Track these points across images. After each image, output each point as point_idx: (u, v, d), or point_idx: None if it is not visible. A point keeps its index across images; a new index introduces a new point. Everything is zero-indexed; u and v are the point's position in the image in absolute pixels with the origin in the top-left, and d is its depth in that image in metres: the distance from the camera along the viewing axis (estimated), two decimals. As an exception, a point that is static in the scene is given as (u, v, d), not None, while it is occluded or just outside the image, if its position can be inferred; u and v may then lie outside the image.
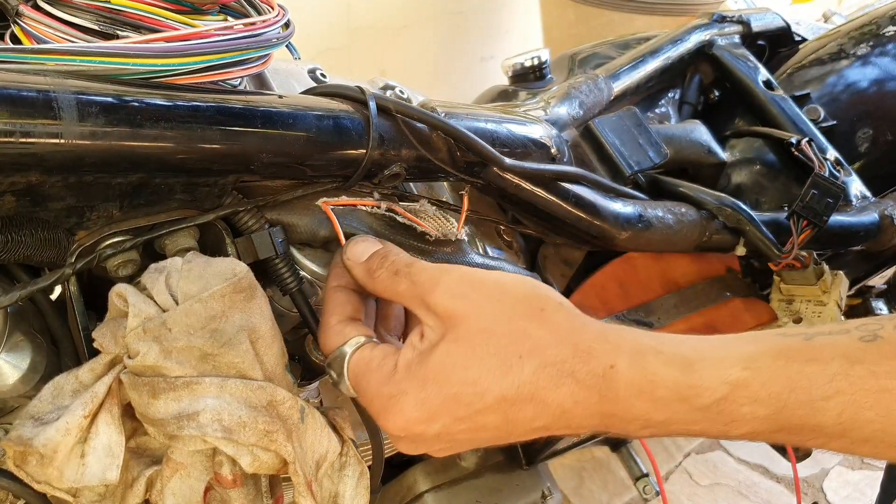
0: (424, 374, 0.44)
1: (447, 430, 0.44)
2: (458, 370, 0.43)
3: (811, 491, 1.70)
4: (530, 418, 0.44)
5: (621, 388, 0.43)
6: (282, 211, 0.55)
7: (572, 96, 0.82)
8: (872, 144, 0.98)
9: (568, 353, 0.43)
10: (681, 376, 0.42)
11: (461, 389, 0.43)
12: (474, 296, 0.45)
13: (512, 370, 0.43)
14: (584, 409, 0.43)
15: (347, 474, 0.52)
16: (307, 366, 0.60)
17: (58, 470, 0.42)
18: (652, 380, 0.43)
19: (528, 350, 0.43)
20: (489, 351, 0.43)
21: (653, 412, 0.43)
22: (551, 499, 0.94)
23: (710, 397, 0.42)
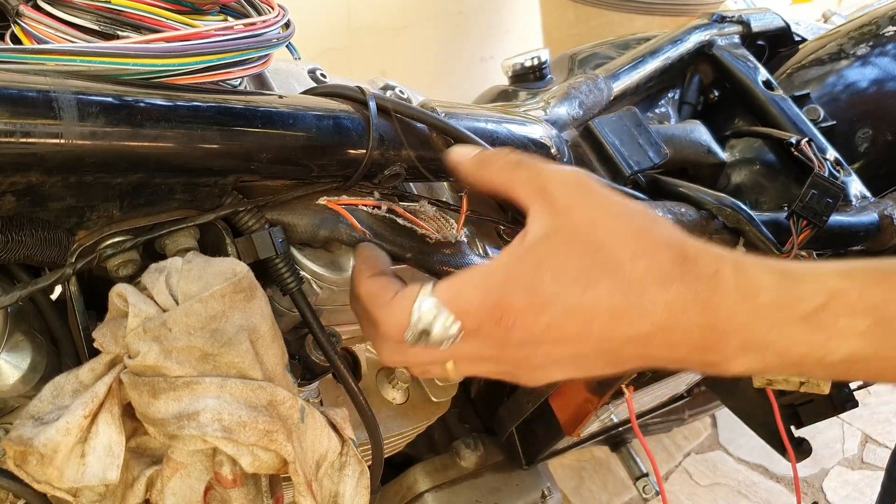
0: (537, 259, 0.43)
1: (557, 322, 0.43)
2: (573, 258, 0.43)
3: (811, 491, 1.70)
4: (637, 316, 0.43)
5: (725, 294, 0.43)
6: (282, 211, 0.55)
7: (572, 96, 0.82)
8: (872, 144, 0.98)
9: (678, 256, 0.43)
10: (781, 281, 0.43)
11: (577, 276, 0.43)
12: (588, 194, 0.45)
13: (624, 266, 0.43)
14: (688, 319, 0.42)
15: (347, 474, 0.52)
16: (307, 366, 0.60)
17: (58, 470, 0.42)
18: (754, 283, 0.43)
19: (641, 249, 0.43)
20: (605, 245, 0.43)
21: (754, 323, 0.43)
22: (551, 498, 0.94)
23: (809, 303, 0.42)
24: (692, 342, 0.43)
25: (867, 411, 1.87)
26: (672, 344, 0.43)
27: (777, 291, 0.43)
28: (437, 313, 0.44)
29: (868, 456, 1.78)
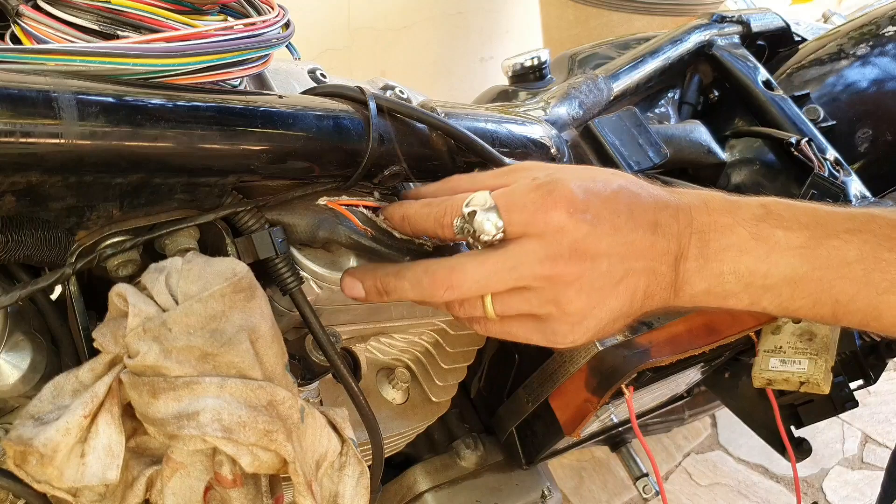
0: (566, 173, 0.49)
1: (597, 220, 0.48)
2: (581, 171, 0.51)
3: (811, 491, 1.70)
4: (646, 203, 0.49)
5: (687, 196, 0.51)
6: (282, 211, 0.55)
7: (572, 96, 0.82)
8: (872, 144, 0.98)
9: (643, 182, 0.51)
10: (727, 196, 0.51)
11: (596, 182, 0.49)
12: None
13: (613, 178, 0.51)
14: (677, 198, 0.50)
15: (347, 474, 0.52)
16: (307, 366, 0.60)
17: (58, 470, 0.42)
18: (705, 195, 0.51)
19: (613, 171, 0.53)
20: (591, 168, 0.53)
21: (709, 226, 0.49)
22: (551, 498, 0.94)
23: (749, 212, 0.49)
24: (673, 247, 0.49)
25: (867, 411, 1.87)
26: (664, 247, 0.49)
27: (723, 202, 0.51)
28: (487, 202, 0.48)
29: (868, 456, 1.78)
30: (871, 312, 0.48)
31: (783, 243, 0.48)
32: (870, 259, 0.47)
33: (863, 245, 0.47)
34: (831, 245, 0.48)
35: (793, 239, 0.48)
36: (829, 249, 0.48)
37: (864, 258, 0.47)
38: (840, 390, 0.92)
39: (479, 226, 0.47)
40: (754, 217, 0.49)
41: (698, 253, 0.49)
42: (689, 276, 0.50)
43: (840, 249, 0.47)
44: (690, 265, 0.49)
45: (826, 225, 0.48)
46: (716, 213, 0.49)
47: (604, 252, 0.47)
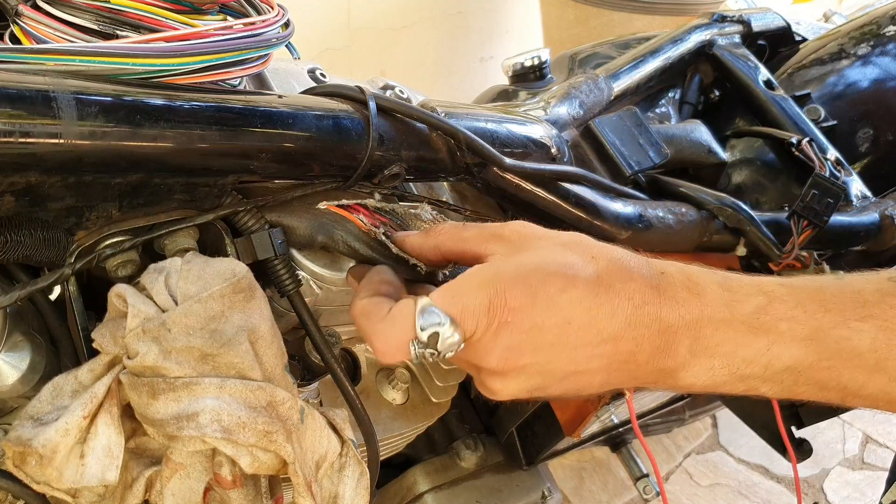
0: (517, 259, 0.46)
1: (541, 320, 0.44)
2: (548, 254, 0.46)
3: (811, 491, 1.70)
4: (608, 315, 0.45)
5: (673, 288, 0.45)
6: (281, 213, 0.55)
7: (572, 96, 0.82)
8: (873, 144, 0.98)
9: (631, 256, 0.47)
10: (723, 282, 0.46)
11: (557, 269, 0.45)
12: (540, 232, 0.49)
13: (590, 263, 0.46)
14: (649, 309, 0.45)
15: (347, 475, 0.52)
16: (307, 366, 0.60)
17: (57, 470, 0.42)
18: (696, 282, 0.46)
19: (598, 252, 0.47)
20: (570, 249, 0.47)
21: (701, 321, 0.45)
22: (551, 499, 0.94)
23: (750, 304, 0.45)
24: (651, 343, 0.45)
25: (868, 412, 1.86)
26: (637, 344, 0.45)
27: (719, 292, 0.46)
28: (439, 320, 0.44)
29: (869, 456, 1.78)
30: (884, 397, 0.45)
31: (787, 336, 0.44)
32: (883, 348, 0.43)
33: (876, 333, 0.43)
34: (840, 335, 0.43)
35: (798, 330, 0.44)
36: (839, 340, 0.43)
37: (877, 347, 0.43)
38: (841, 391, 0.92)
39: (444, 346, 0.45)
40: (755, 309, 0.45)
41: (686, 350, 0.45)
42: (673, 371, 0.46)
43: (851, 340, 0.43)
44: (675, 362, 0.45)
45: (834, 310, 0.44)
46: (710, 306, 0.45)
47: (541, 359, 0.45)
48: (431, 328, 0.44)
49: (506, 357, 0.45)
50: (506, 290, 0.44)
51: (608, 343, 0.45)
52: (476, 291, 0.45)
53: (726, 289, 0.46)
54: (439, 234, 0.51)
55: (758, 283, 0.46)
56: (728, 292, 0.45)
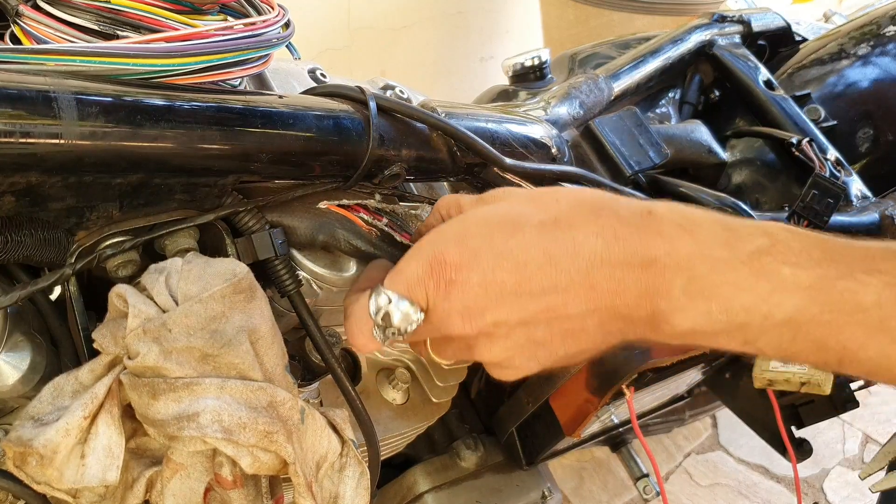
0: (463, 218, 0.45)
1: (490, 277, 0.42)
2: (499, 208, 0.44)
3: (811, 491, 1.70)
4: (570, 254, 0.41)
5: (664, 225, 0.42)
6: (282, 213, 0.55)
7: (572, 96, 0.82)
8: (873, 144, 0.98)
9: (606, 197, 0.43)
10: (721, 220, 0.42)
11: (502, 220, 0.43)
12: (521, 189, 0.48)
13: (549, 207, 0.43)
14: (624, 248, 0.41)
15: (347, 475, 0.52)
16: (307, 366, 0.60)
17: (58, 471, 0.42)
18: (692, 219, 0.42)
19: (565, 195, 0.44)
20: (529, 197, 0.44)
21: (696, 259, 0.41)
22: (551, 499, 0.93)
23: (752, 244, 0.41)
24: (636, 282, 0.41)
25: (868, 411, 1.87)
26: (618, 283, 0.41)
27: (717, 229, 0.42)
28: (391, 299, 0.44)
29: (869, 456, 1.78)
30: (883, 362, 0.41)
31: (790, 282, 0.41)
32: (888, 305, 0.40)
33: (882, 289, 0.40)
34: (845, 287, 0.40)
35: (801, 277, 0.41)
36: (843, 292, 0.40)
37: (882, 303, 0.40)
38: (841, 390, 0.92)
39: (398, 323, 0.44)
40: (756, 250, 0.41)
41: (681, 291, 0.41)
42: (668, 315, 0.42)
43: (856, 293, 0.40)
44: (670, 304, 0.42)
45: (840, 262, 0.41)
46: (707, 244, 0.41)
47: (506, 309, 0.43)
48: (382, 310, 0.44)
49: (467, 316, 0.43)
50: (444, 251, 0.43)
51: (580, 284, 0.42)
52: (415, 260, 0.44)
53: (725, 227, 0.42)
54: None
55: (761, 224, 0.42)
56: (727, 231, 0.42)
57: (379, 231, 0.57)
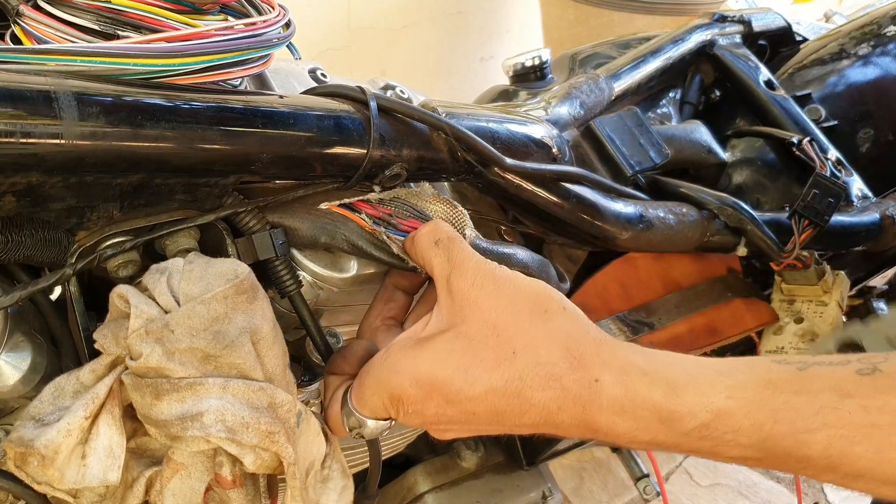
0: (418, 354, 0.47)
1: (441, 410, 0.46)
2: (454, 355, 0.45)
3: (811, 491, 1.70)
4: (517, 414, 0.45)
5: (604, 404, 0.44)
6: (283, 213, 0.55)
7: (573, 96, 0.82)
8: (874, 144, 0.98)
9: (559, 356, 0.44)
10: (663, 400, 0.43)
11: (454, 374, 0.45)
12: (490, 287, 0.47)
13: (503, 364, 0.44)
14: (569, 417, 0.44)
15: (330, 487, 0.52)
16: (307, 367, 0.60)
17: (59, 471, 0.42)
18: (633, 399, 0.43)
19: (522, 346, 0.45)
20: (487, 343, 0.45)
21: (636, 431, 0.44)
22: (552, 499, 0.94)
23: (691, 423, 0.42)
24: (579, 434, 0.45)
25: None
26: (561, 430, 0.45)
27: (657, 410, 0.43)
28: (359, 419, 0.50)
29: (869, 456, 1.78)
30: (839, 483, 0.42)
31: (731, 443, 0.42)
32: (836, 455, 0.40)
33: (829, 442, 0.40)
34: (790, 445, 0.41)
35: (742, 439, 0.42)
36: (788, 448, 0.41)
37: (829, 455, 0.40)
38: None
39: (369, 431, 0.50)
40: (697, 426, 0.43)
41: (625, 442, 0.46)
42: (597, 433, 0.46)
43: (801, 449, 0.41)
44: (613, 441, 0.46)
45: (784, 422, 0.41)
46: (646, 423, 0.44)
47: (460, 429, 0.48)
48: (354, 429, 0.51)
49: (429, 428, 0.49)
50: (402, 390, 0.46)
51: (527, 427, 0.46)
52: (377, 394, 0.48)
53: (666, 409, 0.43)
54: (415, 243, 0.52)
55: (704, 397, 0.43)
56: (668, 412, 0.43)
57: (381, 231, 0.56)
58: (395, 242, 0.55)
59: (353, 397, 0.50)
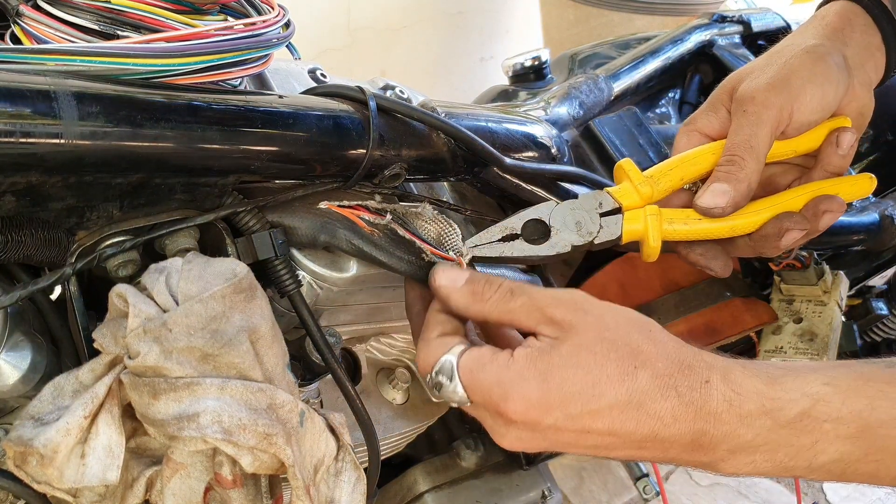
0: (547, 367, 0.46)
1: (558, 424, 0.46)
2: (580, 370, 0.46)
3: (811, 491, 1.70)
4: (630, 430, 0.46)
5: (714, 402, 0.45)
6: (283, 213, 0.55)
7: (572, 96, 0.82)
8: (873, 144, 0.98)
9: (674, 368, 0.46)
10: (764, 388, 0.46)
11: (582, 389, 0.46)
12: (595, 311, 0.49)
13: (628, 377, 0.46)
14: (681, 426, 0.46)
15: (343, 480, 0.52)
16: (307, 366, 0.60)
17: (58, 470, 0.42)
18: (739, 392, 0.46)
19: (641, 361, 0.46)
20: (610, 358, 0.46)
21: (740, 428, 0.45)
22: (551, 499, 0.94)
23: (792, 410, 0.45)
24: (683, 444, 0.46)
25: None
26: (664, 447, 0.46)
27: (760, 398, 0.46)
28: (451, 377, 0.48)
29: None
30: None
31: (831, 434, 0.45)
32: None
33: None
34: (888, 434, 0.44)
35: (842, 430, 0.44)
36: (886, 438, 0.44)
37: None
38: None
39: (445, 395, 0.49)
40: (797, 415, 0.45)
41: (725, 451, 0.46)
42: (713, 463, 0.47)
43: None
44: (714, 456, 0.46)
45: (881, 409, 0.44)
46: (751, 416, 0.45)
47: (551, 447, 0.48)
48: (439, 377, 0.49)
49: (515, 444, 0.48)
50: (523, 396, 0.46)
51: (630, 447, 0.47)
52: (496, 379, 0.47)
53: (768, 397, 0.45)
54: (486, 302, 0.51)
55: (802, 383, 0.46)
56: (770, 400, 0.45)
57: (381, 230, 0.57)
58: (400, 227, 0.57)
59: (466, 359, 0.48)
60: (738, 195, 0.56)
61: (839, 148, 0.60)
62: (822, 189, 0.60)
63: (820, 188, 0.60)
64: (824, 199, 0.59)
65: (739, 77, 0.60)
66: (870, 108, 0.63)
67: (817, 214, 0.58)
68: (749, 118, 0.57)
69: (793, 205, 0.59)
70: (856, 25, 0.62)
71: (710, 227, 0.57)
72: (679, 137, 0.62)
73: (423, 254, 0.56)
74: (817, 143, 0.62)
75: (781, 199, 0.59)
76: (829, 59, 0.58)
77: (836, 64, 0.59)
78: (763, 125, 0.56)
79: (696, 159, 0.59)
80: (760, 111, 0.56)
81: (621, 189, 0.58)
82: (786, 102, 0.57)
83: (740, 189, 0.56)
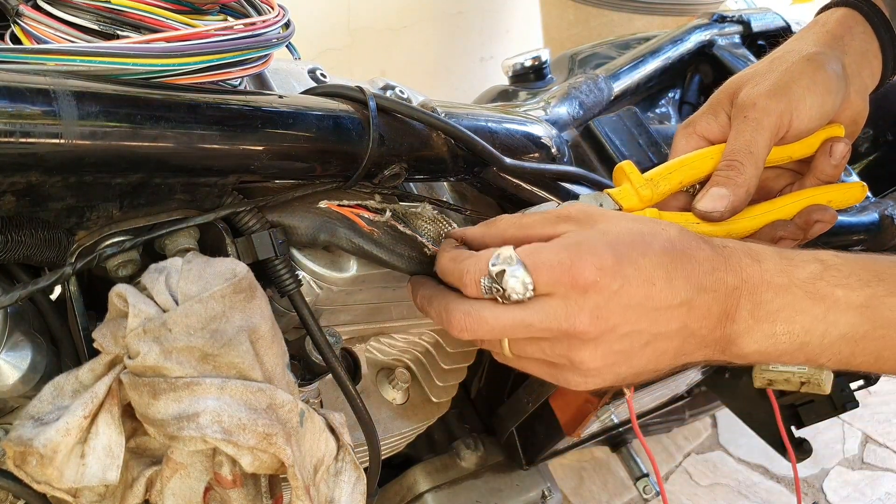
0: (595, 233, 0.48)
1: (629, 279, 0.46)
2: (624, 226, 0.48)
3: (811, 491, 1.70)
4: (683, 279, 0.47)
5: (737, 258, 0.48)
6: (282, 213, 0.55)
7: (572, 96, 0.82)
8: (872, 145, 0.98)
9: (694, 236, 0.49)
10: (780, 253, 0.49)
11: (636, 238, 0.48)
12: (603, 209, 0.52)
13: (663, 231, 0.49)
14: (716, 276, 0.47)
15: (343, 480, 0.52)
16: (307, 366, 0.60)
17: (58, 470, 0.42)
18: (757, 253, 0.49)
19: (666, 223, 0.50)
20: (639, 221, 0.50)
21: (761, 286, 0.47)
22: (551, 499, 0.94)
23: (806, 270, 0.47)
24: (719, 306, 0.47)
25: (867, 411, 1.87)
26: (707, 308, 0.47)
27: (777, 259, 0.48)
28: (511, 262, 0.47)
29: (868, 456, 1.78)
30: None
31: (842, 302, 0.46)
32: None
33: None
34: (894, 305, 0.46)
35: (853, 297, 0.46)
36: (892, 308, 0.46)
37: None
38: (840, 390, 0.92)
39: (509, 285, 0.47)
40: (811, 275, 0.47)
41: (748, 314, 0.47)
42: (737, 337, 0.48)
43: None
44: (739, 326, 0.48)
45: (888, 280, 0.47)
46: (769, 272, 0.47)
47: (629, 319, 0.46)
48: (501, 265, 0.47)
49: (596, 316, 0.46)
50: (591, 253, 0.46)
51: (683, 306, 0.47)
52: (558, 250, 0.47)
53: (783, 257, 0.48)
54: (499, 223, 0.52)
55: (813, 252, 0.49)
56: (785, 259, 0.48)
57: (381, 228, 0.57)
58: (400, 223, 0.57)
59: (522, 248, 0.48)
60: (737, 200, 0.57)
61: (832, 157, 0.62)
62: (816, 197, 0.62)
63: (813, 195, 0.62)
64: (816, 210, 0.60)
65: (740, 82, 0.61)
66: (863, 115, 0.65)
67: (809, 223, 0.60)
68: (749, 124, 0.58)
69: (787, 212, 0.60)
70: (855, 33, 0.64)
71: (708, 231, 0.57)
72: (678, 139, 0.63)
73: (424, 248, 0.57)
74: (811, 150, 0.63)
75: (776, 206, 0.60)
76: (829, 68, 0.60)
77: (836, 73, 0.60)
78: (763, 131, 0.57)
79: (696, 163, 0.59)
80: (761, 117, 0.57)
81: (622, 191, 0.59)
82: (786, 110, 0.58)
83: (739, 194, 0.57)
